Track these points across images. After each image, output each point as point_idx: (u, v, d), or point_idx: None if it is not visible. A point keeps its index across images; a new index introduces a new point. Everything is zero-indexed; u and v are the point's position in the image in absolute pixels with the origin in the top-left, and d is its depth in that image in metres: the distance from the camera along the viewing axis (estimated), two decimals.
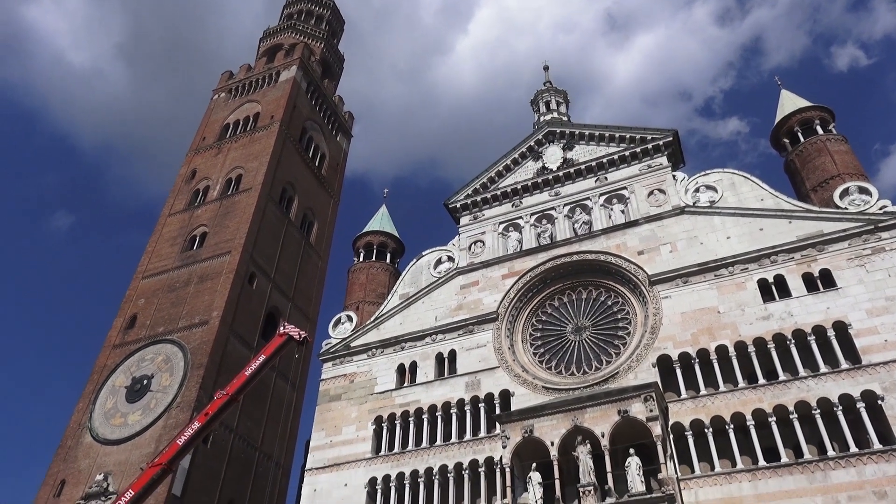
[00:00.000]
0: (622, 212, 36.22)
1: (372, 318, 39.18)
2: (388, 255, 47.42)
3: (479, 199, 40.80)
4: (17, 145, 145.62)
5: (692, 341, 29.74)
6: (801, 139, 35.74)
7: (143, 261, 54.62)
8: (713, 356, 28.89)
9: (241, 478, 44.19)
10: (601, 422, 26.78)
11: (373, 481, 32.32)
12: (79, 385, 47.74)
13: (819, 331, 27.73)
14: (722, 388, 28.00)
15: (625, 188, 36.86)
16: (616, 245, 34.74)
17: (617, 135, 38.68)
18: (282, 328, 25.19)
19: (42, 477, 43.29)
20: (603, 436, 26.34)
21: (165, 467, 19.42)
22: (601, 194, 37.38)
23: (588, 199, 37.59)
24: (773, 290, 29.80)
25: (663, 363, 29.76)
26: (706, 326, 29.93)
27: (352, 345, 38.17)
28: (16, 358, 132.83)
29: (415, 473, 31.64)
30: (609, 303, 33.94)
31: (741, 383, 27.74)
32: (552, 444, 27.04)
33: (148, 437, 41.36)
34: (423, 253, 41.02)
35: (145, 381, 44.82)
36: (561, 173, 39.09)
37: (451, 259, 39.71)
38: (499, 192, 40.41)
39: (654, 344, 30.46)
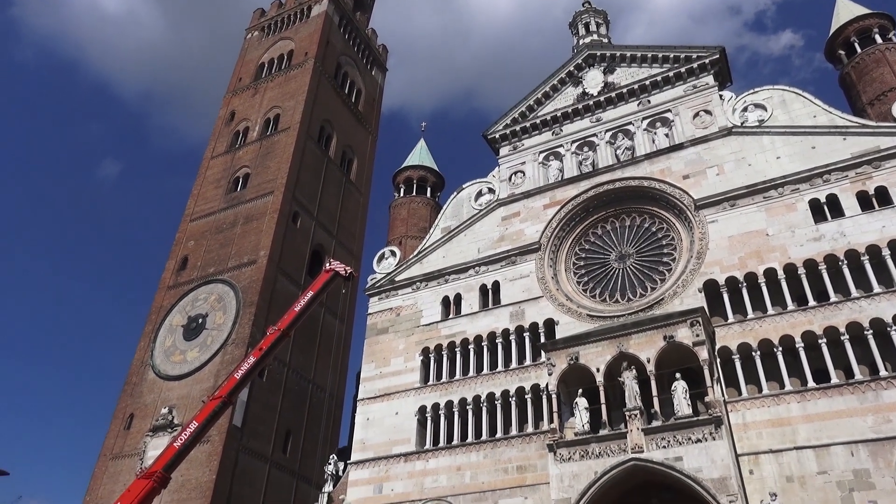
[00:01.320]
0: (666, 136, 35.23)
1: (415, 253, 39.57)
2: (429, 190, 47.42)
3: (517, 128, 40.12)
4: (61, 96, 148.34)
5: (740, 265, 29.29)
6: (858, 50, 33.87)
7: (189, 204, 55.91)
8: (761, 280, 28.45)
9: (297, 409, 46.13)
10: (646, 347, 26.89)
11: (422, 409, 33.37)
12: (139, 325, 49.90)
13: (873, 250, 26.96)
14: (770, 311, 27.69)
15: (669, 111, 35.73)
16: (660, 170, 33.98)
17: (660, 55, 37.20)
18: (327, 265, 25.66)
19: (112, 411, 46.00)
20: (648, 361, 26.49)
21: (225, 400, 20.35)
22: (644, 118, 36.33)
23: (630, 123, 36.61)
24: (826, 210, 28.92)
25: (709, 288, 29.47)
26: (754, 250, 29.38)
27: (396, 279, 38.76)
28: (81, 301, 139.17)
29: (463, 401, 32.51)
30: (653, 229, 33.50)
31: (790, 306, 27.36)
32: (598, 370, 27.35)
33: (206, 372, 43.31)
34: (464, 186, 40.85)
35: (200, 320, 46.59)
36: (602, 98, 38.03)
37: (491, 191, 39.49)
38: (538, 121, 39.63)
39: (700, 269, 30.11)
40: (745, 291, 28.58)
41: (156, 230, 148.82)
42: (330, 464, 35.14)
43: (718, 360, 27.19)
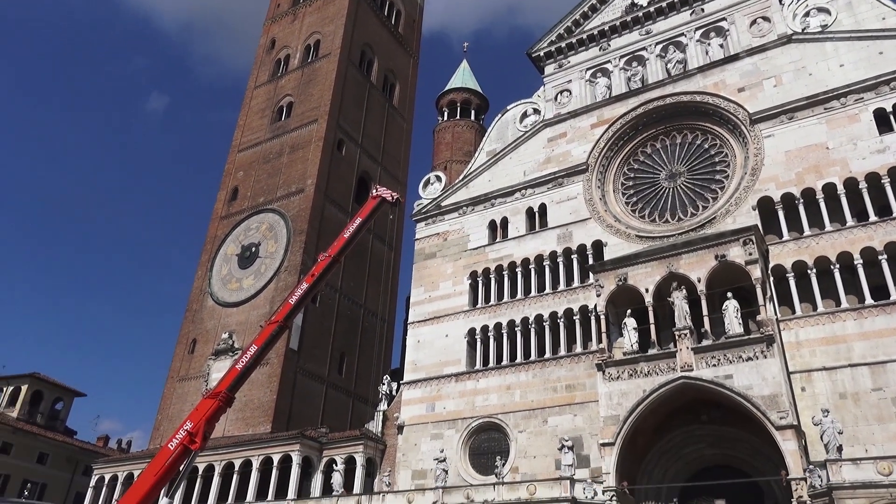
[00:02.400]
0: (721, 46, 33.55)
1: (460, 177, 39.40)
2: (473, 112, 46.69)
3: (563, 45, 38.73)
4: (104, 31, 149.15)
5: (796, 181, 28.29)
6: None
7: (236, 135, 56.48)
8: (819, 195, 27.48)
9: (350, 332, 47.60)
10: (697, 267, 26.55)
11: (471, 331, 34.02)
12: (196, 255, 51.62)
13: None
14: (828, 227, 26.86)
15: (724, 19, 33.88)
16: (714, 83, 32.57)
17: None
18: (374, 191, 25.74)
19: (176, 337, 48.30)
20: (699, 281, 26.21)
21: (282, 324, 21.05)
22: (697, 28, 34.58)
23: (682, 34, 34.92)
24: (892, 120, 27.43)
25: (764, 206, 28.64)
26: (813, 164, 28.26)
27: (442, 204, 38.81)
28: (141, 234, 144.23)
29: (511, 323, 32.97)
30: (706, 146, 32.43)
31: (850, 222, 26.46)
32: (647, 290, 27.23)
33: (262, 298, 44.82)
34: (508, 107, 40.03)
35: (253, 249, 47.88)
36: (652, 8, 36.21)
37: (537, 112, 38.63)
38: (584, 36, 38.13)
39: (755, 186, 29.21)
40: (801, 208, 27.71)
41: (206, 162, 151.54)
42: (383, 384, 36.43)
43: (772, 279, 26.73)
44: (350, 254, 26.04)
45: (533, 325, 32.24)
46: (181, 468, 18.10)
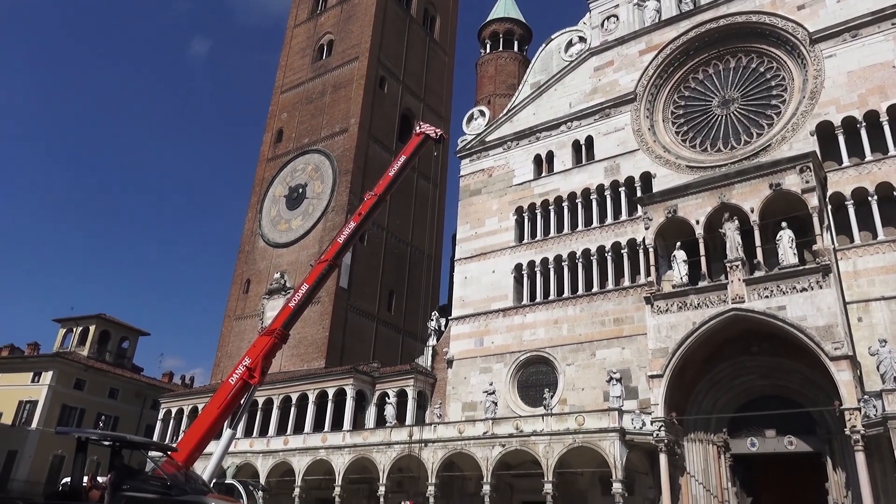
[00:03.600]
0: None
1: (504, 111, 38.71)
2: (516, 44, 45.41)
3: None
4: None
5: (859, 103, 26.87)
6: None
7: (278, 76, 56.42)
8: (883, 118, 26.09)
9: (398, 270, 48.28)
10: (750, 197, 25.78)
11: (518, 267, 34.08)
12: (246, 197, 52.60)
13: None
14: (892, 152, 25.60)
15: None
16: (771, 1, 30.77)
17: None
18: (417, 128, 25.51)
19: (231, 278, 49.84)
20: (752, 211, 25.47)
21: (331, 263, 21.42)
22: None
23: None
24: None
25: (823, 131, 27.40)
26: (877, 85, 26.74)
27: (486, 139, 38.35)
28: (193, 179, 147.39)
29: (558, 258, 32.87)
30: (761, 69, 30.94)
31: None
32: (697, 222, 26.64)
33: (311, 239, 45.65)
34: (553, 36, 38.76)
35: (301, 190, 48.48)
36: None
37: (582, 40, 37.31)
38: None
39: (814, 110, 27.89)
40: (863, 132, 26.42)
41: (251, 105, 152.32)
42: (432, 320, 37.06)
43: (829, 207, 25.81)
44: (395, 192, 26.12)
45: (580, 260, 32.07)
46: (242, 401, 18.92)
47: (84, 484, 15.15)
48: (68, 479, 16.90)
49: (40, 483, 39.67)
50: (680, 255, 26.68)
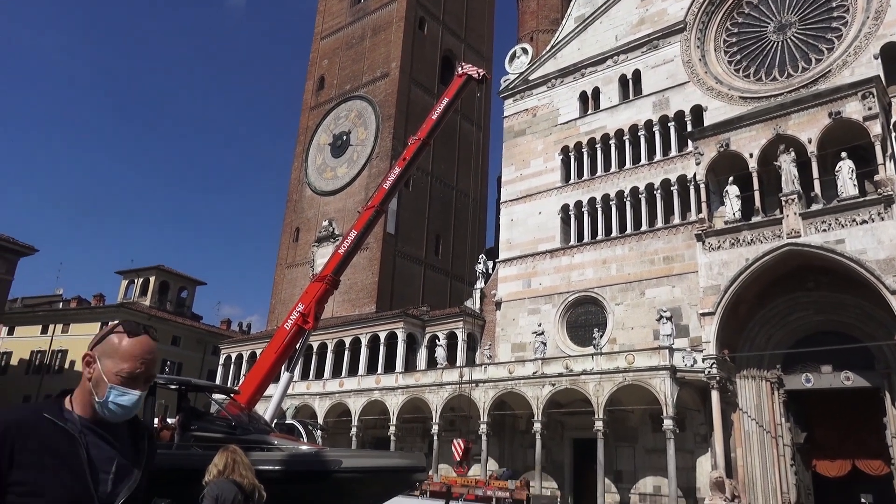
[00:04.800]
0: None
1: (547, 48, 37.66)
2: None
3: None
4: None
5: None
6: None
7: (317, 22, 55.89)
8: None
9: (444, 214, 48.37)
10: (808, 127, 24.72)
11: (565, 208, 33.74)
12: (292, 146, 53.04)
13: None
14: None
15: None
16: None
17: None
18: (459, 69, 25.07)
19: (281, 227, 50.79)
20: (810, 142, 24.46)
21: (378, 209, 21.56)
22: None
23: None
24: None
25: (888, 53, 25.87)
26: None
27: (530, 78, 37.50)
28: (241, 130, 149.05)
29: (605, 197, 32.37)
30: None
31: None
32: (751, 155, 25.76)
33: (357, 186, 45.95)
34: None
35: (345, 137, 48.58)
36: None
37: None
38: None
39: (878, 31, 26.29)
40: None
41: (293, 53, 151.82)
42: (479, 263, 37.23)
43: (893, 135, 24.57)
44: (439, 136, 25.91)
45: (628, 198, 31.53)
46: (297, 346, 19.53)
47: (155, 425, 16.05)
48: None
49: None
50: (732, 190, 25.96)
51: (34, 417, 2.05)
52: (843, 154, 23.74)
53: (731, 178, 26.19)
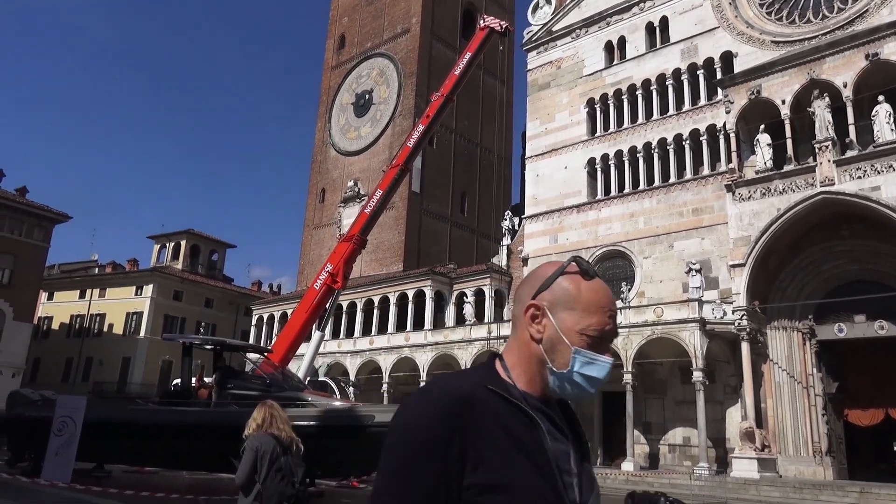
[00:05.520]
0: None
1: None
2: None
3: None
4: None
5: None
6: None
7: None
8: None
9: (468, 172, 48.11)
10: (843, 71, 23.89)
11: (591, 161, 33.31)
12: (315, 107, 52.89)
13: None
14: None
15: None
16: None
17: None
18: (481, 22, 24.63)
19: (306, 188, 51.06)
20: (845, 86, 23.67)
21: (402, 167, 21.55)
22: None
23: None
24: None
25: None
26: None
27: (553, 29, 36.66)
28: (262, 93, 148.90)
29: (633, 150, 31.85)
30: None
31: None
32: (783, 102, 25.05)
33: (381, 145, 45.82)
34: None
35: (367, 96, 48.26)
36: None
37: None
38: None
39: None
40: None
41: (311, 11, 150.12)
42: (505, 220, 37.13)
43: None
44: (462, 92, 25.62)
45: (656, 150, 31.00)
46: (327, 306, 19.86)
47: (193, 384, 16.56)
48: (178, 381, 18.50)
49: (153, 385, 43.39)
50: (763, 138, 25.35)
51: (481, 391, 1.43)
52: (880, 98, 22.96)
53: (762, 127, 25.55)
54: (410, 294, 35.92)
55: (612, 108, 33.30)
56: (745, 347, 24.27)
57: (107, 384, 44.09)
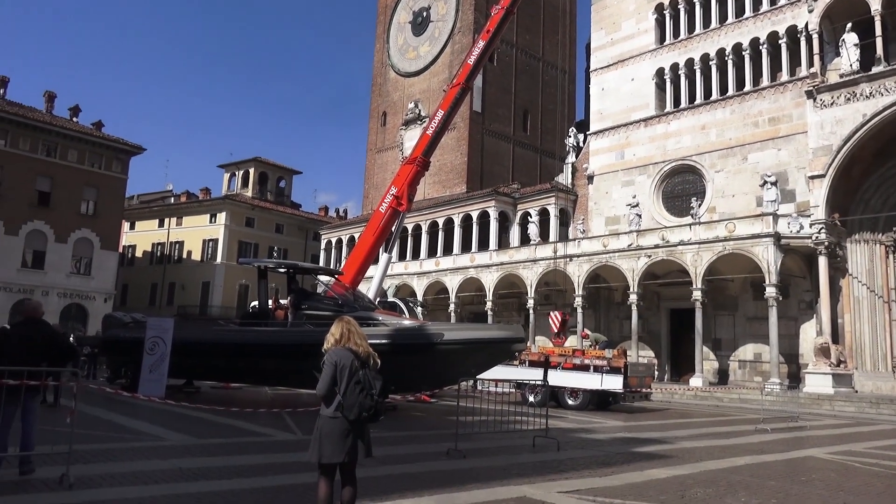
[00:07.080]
0: None
1: None
2: None
3: None
4: None
5: None
6: None
7: None
8: None
9: (531, 88, 46.80)
10: None
11: (660, 71, 31.85)
12: (373, 28, 51.95)
13: None
14: None
15: None
16: None
17: None
18: None
19: (367, 112, 50.94)
20: None
21: (463, 86, 21.10)
22: None
23: None
24: None
25: None
26: None
27: None
28: (321, 13, 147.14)
29: (704, 57, 30.23)
30: None
31: None
32: None
33: (440, 64, 44.92)
34: None
35: (425, 14, 47.02)
36: None
37: None
38: None
39: None
40: None
41: None
42: (570, 136, 36.26)
43: None
44: (523, 4, 24.65)
45: (730, 57, 29.30)
46: (393, 228, 20.16)
47: (269, 306, 17.33)
48: (256, 303, 19.39)
49: (232, 308, 45.57)
50: (850, 38, 23.55)
51: None
52: None
53: (848, 26, 23.70)
54: (475, 215, 35.98)
55: (682, 13, 31.47)
56: (822, 262, 23.45)
57: (189, 307, 46.61)
